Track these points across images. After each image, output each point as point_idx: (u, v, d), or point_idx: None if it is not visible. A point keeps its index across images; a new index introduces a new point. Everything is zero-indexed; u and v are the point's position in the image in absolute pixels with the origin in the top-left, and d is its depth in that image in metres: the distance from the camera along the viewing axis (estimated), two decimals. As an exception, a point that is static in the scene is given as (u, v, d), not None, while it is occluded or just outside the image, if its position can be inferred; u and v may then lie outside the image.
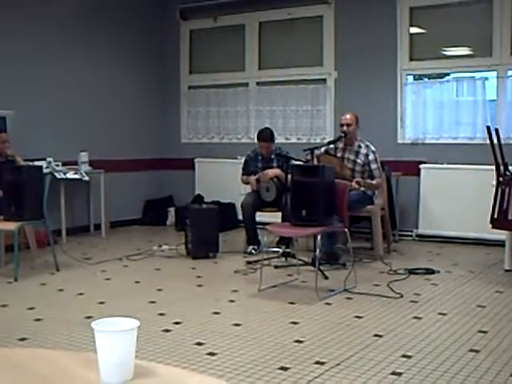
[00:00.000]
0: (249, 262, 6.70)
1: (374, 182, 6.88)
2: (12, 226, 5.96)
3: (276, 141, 7.61)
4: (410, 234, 8.23)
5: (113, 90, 9.31)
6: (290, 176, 6.18)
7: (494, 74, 7.87)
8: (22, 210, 6.06)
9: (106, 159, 8.92)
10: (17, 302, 5.20)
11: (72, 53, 8.64)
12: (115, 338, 1.47)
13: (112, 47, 9.25)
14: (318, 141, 8.59)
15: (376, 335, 4.34)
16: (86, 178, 8.17)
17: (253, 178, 7.38)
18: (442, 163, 8.03)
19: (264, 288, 5.62)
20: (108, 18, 9.13)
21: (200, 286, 5.86)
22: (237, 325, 4.60)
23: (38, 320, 4.68)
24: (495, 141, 6.13)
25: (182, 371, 1.66)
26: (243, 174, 7.62)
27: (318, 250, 5.68)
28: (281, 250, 6.88)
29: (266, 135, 7.44)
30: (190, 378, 1.57)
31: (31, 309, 4.98)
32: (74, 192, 8.55)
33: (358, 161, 6.92)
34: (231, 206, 9.05)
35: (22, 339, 4.21)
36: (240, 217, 7.69)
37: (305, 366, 3.75)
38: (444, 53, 8.26)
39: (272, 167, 7.37)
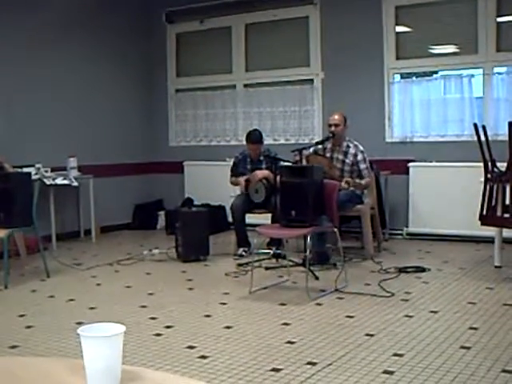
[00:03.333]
0: (239, 265, 6.69)
1: (363, 181, 6.89)
2: (1, 233, 5.92)
3: (264, 142, 7.60)
4: (400, 232, 8.25)
5: (100, 94, 9.29)
6: (278, 177, 6.17)
7: (480, 71, 7.89)
8: (11, 217, 6.02)
9: (95, 164, 8.90)
10: (7, 310, 5.18)
11: (58, 58, 8.62)
12: (101, 344, 1.46)
13: (98, 51, 9.22)
14: (307, 141, 8.60)
15: (367, 334, 4.34)
16: (76, 184, 8.16)
17: (242, 179, 7.38)
18: (430, 161, 8.05)
19: (255, 290, 5.62)
20: (94, 22, 9.10)
21: (191, 289, 5.85)
22: (228, 327, 4.59)
23: (28, 327, 4.66)
24: (483, 138, 6.16)
25: (169, 376, 1.66)
26: (232, 176, 7.62)
27: (308, 251, 5.69)
28: (271, 252, 6.87)
29: (254, 137, 7.44)
30: (177, 382, 1.56)
31: (22, 316, 4.96)
32: (64, 198, 8.52)
33: (347, 161, 6.93)
34: (221, 208, 9.03)
35: (13, 347, 4.19)
36: (230, 219, 7.68)
37: (297, 366, 3.75)
38: (430, 51, 8.28)
39: (261, 169, 7.37)
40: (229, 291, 5.67)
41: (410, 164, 8.14)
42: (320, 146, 7.09)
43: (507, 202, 5.99)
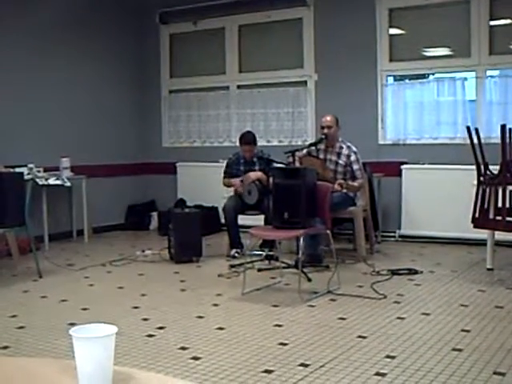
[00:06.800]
0: (232, 266, 6.69)
1: (356, 183, 6.89)
2: (-7, 233, 5.91)
3: (258, 144, 7.60)
4: (392, 234, 8.26)
5: (93, 95, 9.27)
6: (271, 179, 6.17)
7: (473, 74, 7.91)
8: (4, 217, 6.01)
9: (88, 164, 8.87)
10: (-1, 310, 5.17)
11: (50, 58, 8.59)
12: (93, 345, 1.46)
13: (91, 52, 9.20)
14: (300, 143, 8.60)
15: (360, 336, 4.34)
16: (68, 184, 8.14)
17: (237, 180, 7.38)
18: (423, 163, 8.06)
19: (247, 291, 5.62)
20: (87, 23, 9.08)
21: (183, 290, 5.84)
22: (220, 328, 4.59)
23: (20, 328, 4.65)
24: (475, 141, 6.17)
25: (161, 377, 1.66)
26: (225, 177, 7.61)
27: (300, 253, 5.69)
28: (264, 253, 6.89)
29: (248, 138, 7.44)
30: (169, 383, 1.56)
31: (13, 316, 4.94)
32: (56, 198, 8.49)
33: (340, 162, 6.94)
34: (214, 209, 9.02)
35: (5, 347, 4.18)
36: (223, 220, 7.67)
37: (289, 368, 3.75)
38: (423, 53, 8.30)
39: (254, 170, 7.37)
40: (221, 292, 5.67)
41: (403, 166, 8.15)
42: (313, 148, 7.09)
43: (499, 204, 6.00)
